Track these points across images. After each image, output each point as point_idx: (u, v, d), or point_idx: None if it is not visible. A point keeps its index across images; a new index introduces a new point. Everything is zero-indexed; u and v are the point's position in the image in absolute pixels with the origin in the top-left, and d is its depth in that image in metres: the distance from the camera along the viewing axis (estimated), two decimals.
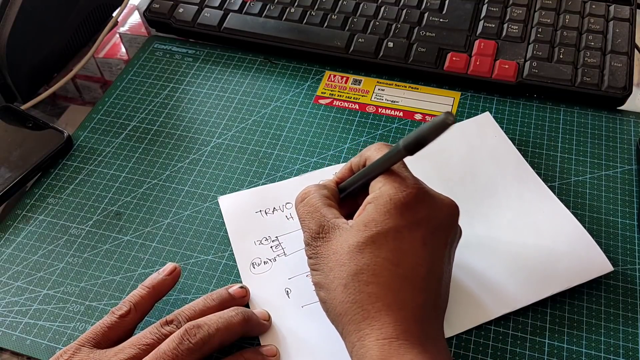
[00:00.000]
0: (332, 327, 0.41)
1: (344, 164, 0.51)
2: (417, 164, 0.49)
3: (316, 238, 0.38)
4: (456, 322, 0.41)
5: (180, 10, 0.63)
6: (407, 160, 0.52)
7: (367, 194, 0.39)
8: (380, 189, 0.37)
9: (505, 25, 0.59)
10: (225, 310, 0.39)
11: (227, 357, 0.39)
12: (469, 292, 0.42)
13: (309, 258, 0.39)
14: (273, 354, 0.40)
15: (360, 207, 0.38)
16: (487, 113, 0.53)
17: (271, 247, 0.46)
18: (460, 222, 0.41)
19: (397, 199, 0.36)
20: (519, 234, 0.45)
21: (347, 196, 0.42)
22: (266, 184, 0.50)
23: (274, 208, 0.48)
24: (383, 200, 0.37)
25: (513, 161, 0.50)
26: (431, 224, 0.37)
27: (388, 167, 0.38)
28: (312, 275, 0.39)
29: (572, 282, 0.42)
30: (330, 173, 0.50)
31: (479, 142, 0.51)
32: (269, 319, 0.42)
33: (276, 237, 0.46)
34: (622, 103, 0.54)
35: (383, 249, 0.35)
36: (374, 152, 0.40)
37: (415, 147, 0.35)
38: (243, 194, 0.50)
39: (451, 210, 0.39)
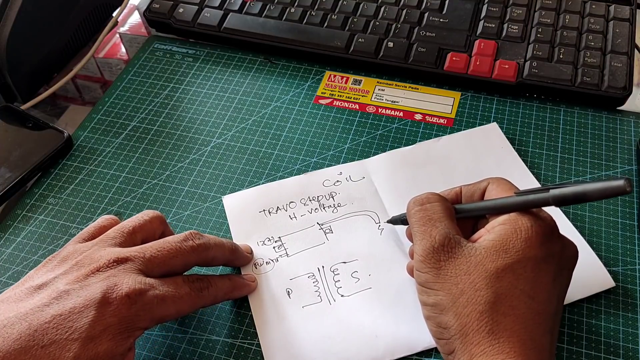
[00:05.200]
0: (331, 328, 0.41)
1: (346, 164, 0.51)
2: (424, 169, 0.49)
3: (439, 251, 0.35)
4: None
5: (180, 10, 0.63)
6: (400, 164, 0.52)
7: (480, 218, 0.37)
8: (515, 215, 0.35)
9: (505, 25, 0.59)
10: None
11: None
12: None
13: (425, 273, 0.36)
14: (252, 279, 0.43)
15: (484, 228, 0.36)
16: (495, 123, 0.53)
17: (274, 247, 0.46)
18: None
19: (538, 227, 0.34)
20: None
21: (459, 219, 0.39)
22: (266, 183, 0.50)
23: (278, 207, 0.48)
24: (524, 227, 0.34)
25: (518, 174, 0.49)
26: (562, 261, 0.35)
27: (525, 209, 0.36)
28: (426, 294, 0.35)
29: (573, 297, 0.41)
30: (332, 174, 0.50)
31: (485, 152, 0.51)
32: (251, 252, 0.45)
33: (279, 237, 0.46)
34: (622, 103, 0.54)
35: (521, 280, 0.33)
36: (497, 189, 0.38)
37: (569, 202, 0.33)
38: (247, 192, 0.49)
39: (577, 253, 0.37)
